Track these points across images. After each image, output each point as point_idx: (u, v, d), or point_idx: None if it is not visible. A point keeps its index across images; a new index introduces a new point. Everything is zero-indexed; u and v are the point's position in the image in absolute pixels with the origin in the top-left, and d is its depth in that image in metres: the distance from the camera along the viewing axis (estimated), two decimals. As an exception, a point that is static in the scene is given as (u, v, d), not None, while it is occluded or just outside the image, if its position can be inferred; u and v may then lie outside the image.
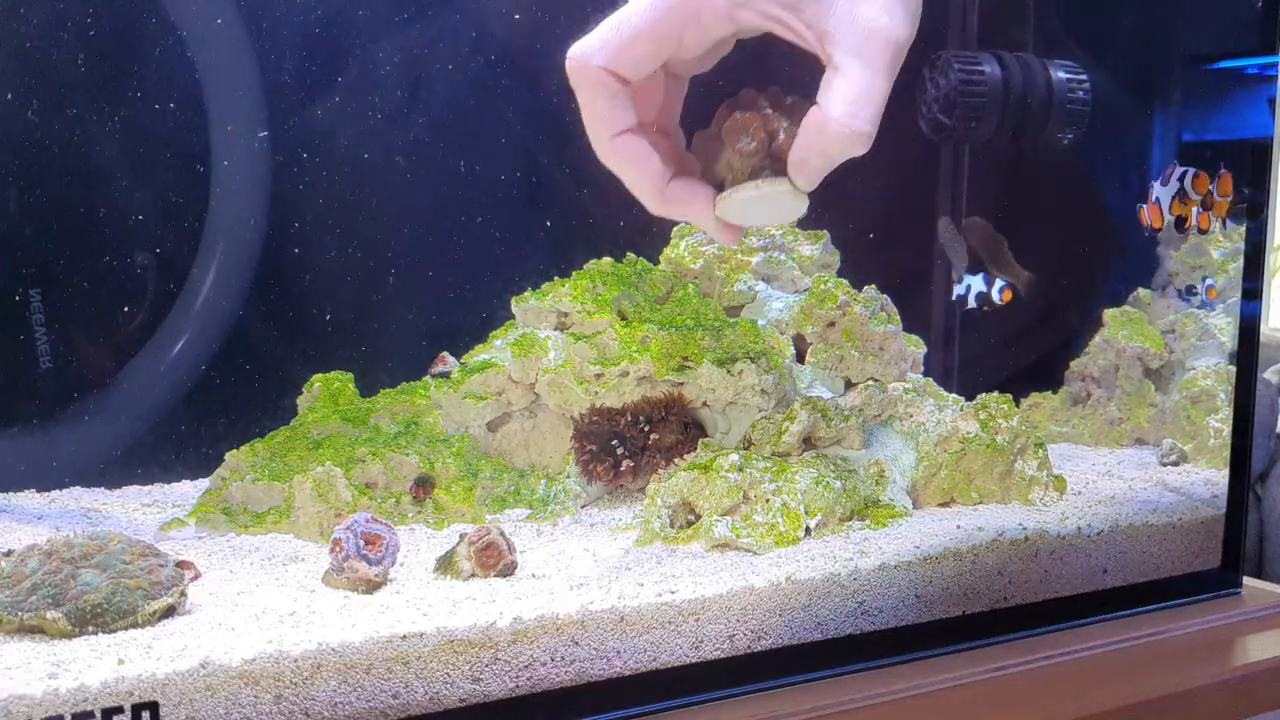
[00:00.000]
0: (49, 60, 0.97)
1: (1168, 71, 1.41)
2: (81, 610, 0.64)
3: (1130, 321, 1.39)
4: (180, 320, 1.06)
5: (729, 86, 0.67)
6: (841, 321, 1.15)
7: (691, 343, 1.06)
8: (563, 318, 1.11)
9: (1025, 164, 1.37)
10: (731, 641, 0.77)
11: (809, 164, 0.61)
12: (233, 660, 0.61)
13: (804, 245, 1.24)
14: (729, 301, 1.20)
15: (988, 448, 1.02)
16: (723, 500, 0.88)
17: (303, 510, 0.91)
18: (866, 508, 0.95)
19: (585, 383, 1.05)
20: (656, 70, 0.62)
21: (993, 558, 0.88)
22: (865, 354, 1.14)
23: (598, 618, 0.72)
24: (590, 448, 1.05)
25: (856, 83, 0.59)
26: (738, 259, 1.21)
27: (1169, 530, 0.98)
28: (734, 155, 0.63)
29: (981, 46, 1.32)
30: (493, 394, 1.07)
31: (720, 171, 0.64)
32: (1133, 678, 0.84)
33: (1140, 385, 1.36)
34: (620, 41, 0.59)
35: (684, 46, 0.61)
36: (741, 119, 0.63)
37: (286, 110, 1.07)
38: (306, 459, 0.96)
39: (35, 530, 0.90)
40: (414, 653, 0.66)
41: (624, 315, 1.11)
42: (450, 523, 0.95)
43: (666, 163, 0.63)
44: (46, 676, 0.58)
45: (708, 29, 0.60)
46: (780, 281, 1.22)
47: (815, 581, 0.80)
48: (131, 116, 1.01)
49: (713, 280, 1.20)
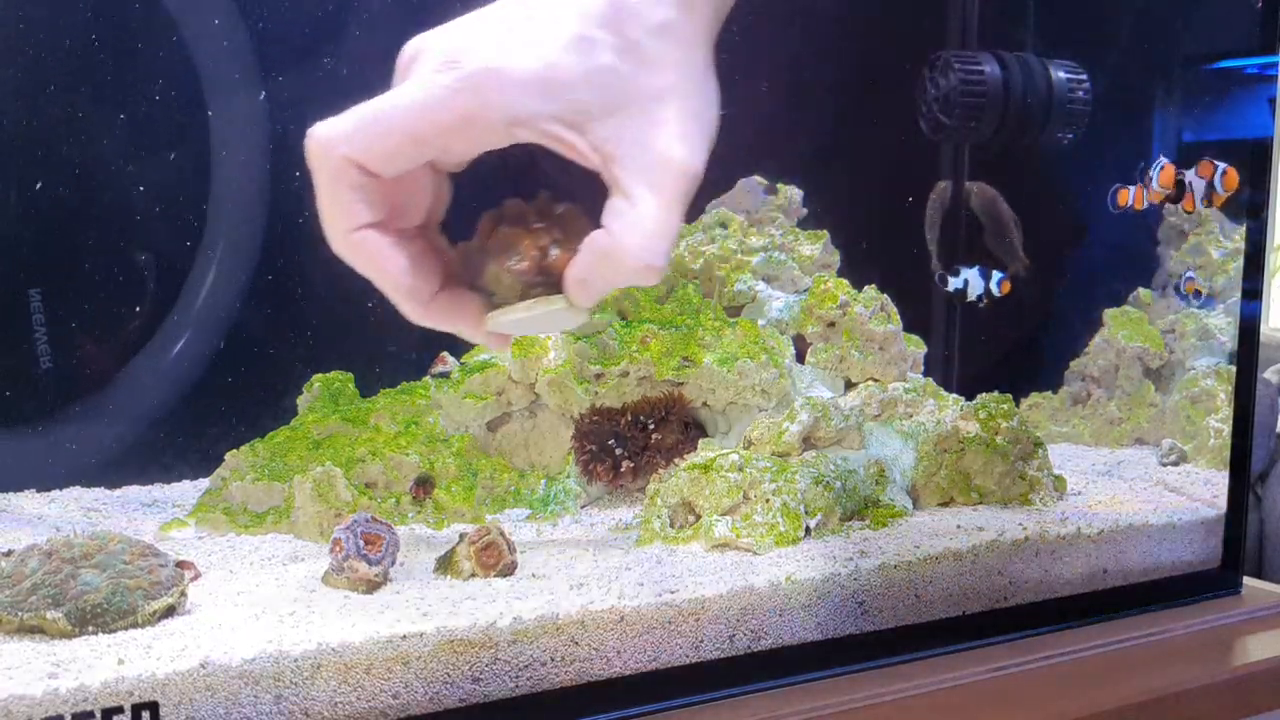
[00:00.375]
0: (49, 58, 0.97)
1: (1168, 71, 1.41)
2: (81, 610, 0.64)
3: (1130, 321, 1.39)
4: (180, 320, 1.06)
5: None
6: (841, 321, 1.15)
7: (691, 343, 1.06)
8: (563, 318, 1.11)
9: (1025, 164, 1.37)
10: (731, 641, 0.77)
11: (591, 286, 0.56)
12: (233, 660, 0.61)
13: (804, 245, 1.24)
14: (729, 301, 1.20)
15: (988, 448, 1.02)
16: (723, 500, 0.88)
17: (303, 510, 0.91)
18: (866, 508, 0.95)
19: (585, 383, 1.05)
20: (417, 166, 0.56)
21: (993, 558, 0.88)
22: (865, 354, 1.14)
23: (598, 618, 0.72)
24: (590, 448, 1.05)
25: (651, 215, 0.55)
26: (738, 259, 1.21)
27: (1169, 530, 0.98)
28: (503, 272, 0.59)
29: (981, 46, 1.32)
30: (493, 394, 1.07)
31: (488, 284, 0.59)
32: (1133, 678, 0.83)
33: (1140, 385, 1.36)
34: (374, 134, 0.53)
35: (449, 152, 0.56)
36: (509, 235, 0.59)
37: (287, 107, 1.07)
38: (306, 459, 0.96)
39: (35, 530, 0.90)
40: (414, 653, 0.66)
41: (624, 315, 1.11)
42: (450, 523, 0.95)
43: (426, 267, 0.58)
44: (46, 676, 0.58)
45: (478, 141, 0.55)
46: (780, 281, 1.22)
47: (815, 581, 0.80)
48: (131, 112, 1.01)
49: (713, 280, 1.20)
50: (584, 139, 0.55)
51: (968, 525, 0.94)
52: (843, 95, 1.34)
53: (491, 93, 0.53)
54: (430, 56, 0.55)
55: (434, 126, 0.54)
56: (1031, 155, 1.33)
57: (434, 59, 0.54)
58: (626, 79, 0.55)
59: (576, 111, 0.55)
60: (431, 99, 0.53)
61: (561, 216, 0.60)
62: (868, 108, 1.35)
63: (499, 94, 0.53)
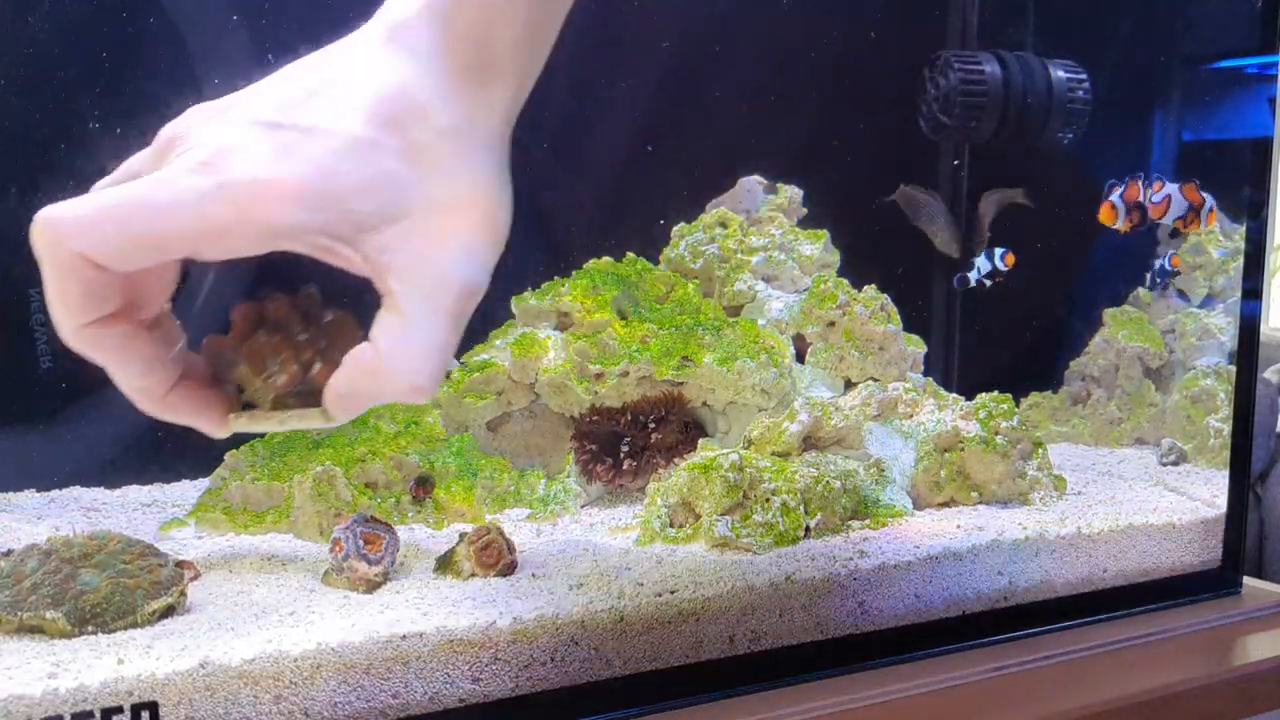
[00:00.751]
0: (48, 56, 0.97)
1: (1168, 71, 1.41)
2: (81, 610, 0.64)
3: (1130, 321, 1.39)
4: (180, 319, 1.06)
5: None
6: (841, 321, 1.15)
7: (691, 342, 1.06)
8: (563, 317, 1.11)
9: (1024, 164, 1.37)
10: (731, 642, 0.77)
11: (352, 402, 0.53)
12: (232, 660, 0.61)
13: (804, 245, 1.24)
14: (729, 301, 1.20)
15: (988, 448, 1.02)
16: (723, 500, 0.88)
17: (302, 510, 0.91)
18: (866, 508, 0.95)
19: (585, 382, 1.05)
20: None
21: (993, 558, 0.88)
22: (865, 354, 1.14)
23: (598, 618, 0.72)
24: (590, 448, 1.05)
25: (423, 336, 0.51)
26: (738, 259, 1.21)
27: (1169, 530, 0.98)
28: (258, 380, 0.55)
29: (981, 46, 1.32)
30: (493, 394, 1.07)
31: (239, 381, 0.56)
32: (1133, 677, 0.83)
33: (1140, 385, 1.37)
34: (113, 231, 0.48)
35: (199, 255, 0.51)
36: (268, 344, 0.55)
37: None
38: (306, 459, 0.96)
39: (35, 530, 0.90)
40: (414, 653, 0.66)
41: (624, 315, 1.11)
42: (450, 523, 0.95)
43: (162, 359, 0.54)
44: (46, 676, 0.58)
45: (232, 250, 0.50)
46: (780, 281, 1.22)
47: (815, 581, 0.80)
48: (130, 108, 1.01)
49: (713, 280, 1.20)
50: (356, 251, 0.51)
51: (968, 525, 0.94)
52: (843, 95, 1.34)
53: (250, 206, 0.48)
54: (190, 149, 0.50)
55: (181, 234, 0.49)
56: (1031, 155, 1.33)
57: (194, 154, 0.49)
58: (408, 187, 0.51)
59: (349, 223, 0.50)
60: (182, 205, 0.48)
61: (329, 326, 0.55)
62: (868, 107, 1.35)
63: (259, 208, 0.48)
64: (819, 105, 1.33)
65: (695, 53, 1.26)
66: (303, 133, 0.50)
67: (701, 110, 1.29)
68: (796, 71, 1.31)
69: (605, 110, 1.23)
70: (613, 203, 1.25)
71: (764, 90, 1.29)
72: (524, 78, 0.57)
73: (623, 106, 1.24)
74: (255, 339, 0.55)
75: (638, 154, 1.24)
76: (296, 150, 0.50)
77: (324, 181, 0.50)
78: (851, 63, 1.33)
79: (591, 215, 1.25)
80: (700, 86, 1.27)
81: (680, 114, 1.27)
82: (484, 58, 0.55)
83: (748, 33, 1.30)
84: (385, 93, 0.52)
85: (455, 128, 0.53)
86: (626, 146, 1.24)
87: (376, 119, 0.51)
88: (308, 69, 0.54)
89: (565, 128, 1.22)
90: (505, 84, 0.55)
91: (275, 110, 0.51)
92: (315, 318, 0.56)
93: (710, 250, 1.20)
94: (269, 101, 0.52)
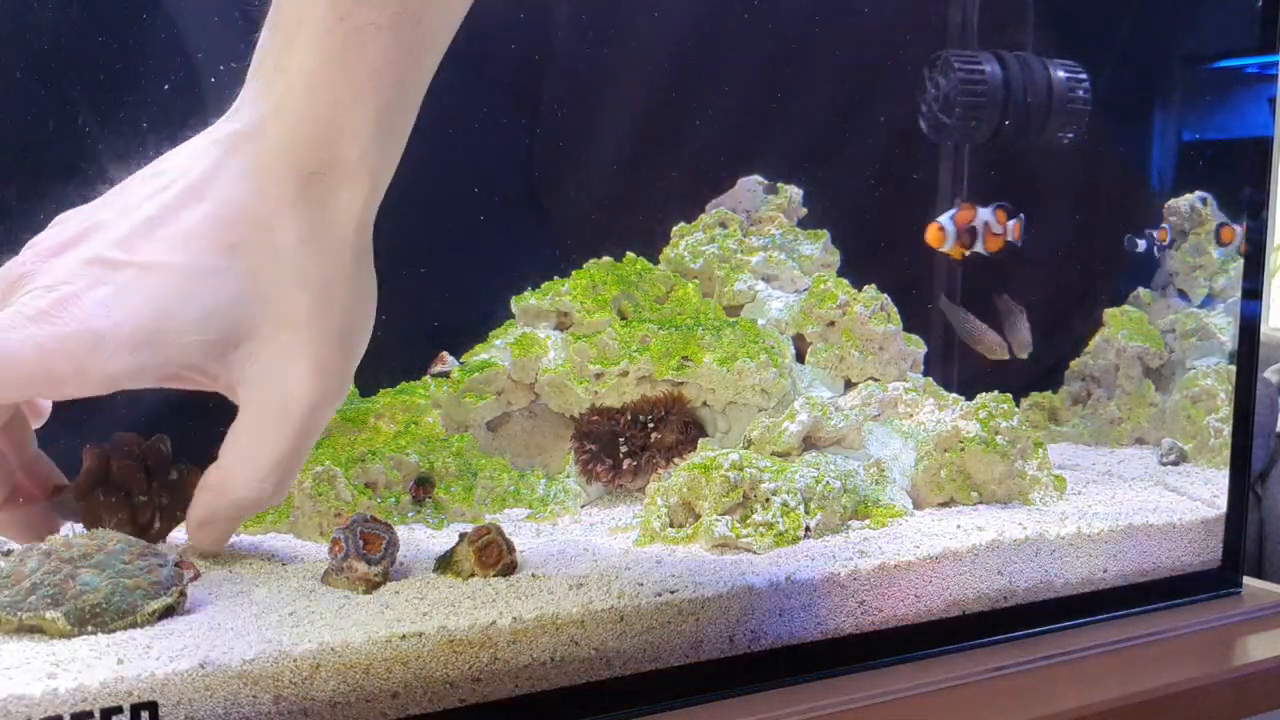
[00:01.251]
0: (47, 55, 0.97)
1: (1168, 71, 1.41)
2: (80, 610, 0.64)
3: (1130, 321, 1.39)
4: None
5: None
6: (841, 321, 1.15)
7: (691, 342, 1.06)
8: (563, 317, 1.11)
9: (1024, 165, 1.37)
10: (731, 641, 0.77)
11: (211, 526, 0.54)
12: (232, 660, 0.61)
13: (804, 245, 1.24)
14: (729, 301, 1.20)
15: (988, 448, 1.02)
16: (723, 500, 0.88)
17: (302, 510, 0.91)
18: (866, 508, 0.95)
19: (585, 382, 1.05)
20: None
21: (993, 558, 0.88)
22: (865, 354, 1.14)
23: (598, 618, 0.72)
24: (590, 447, 1.05)
25: (266, 449, 0.53)
26: (738, 259, 1.21)
27: (1169, 530, 0.98)
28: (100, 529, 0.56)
29: (982, 46, 1.32)
30: (493, 394, 1.07)
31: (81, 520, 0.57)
32: (1133, 677, 0.83)
33: (1140, 385, 1.36)
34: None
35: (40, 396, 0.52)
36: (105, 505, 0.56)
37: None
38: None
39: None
40: (414, 653, 0.66)
41: (624, 315, 1.11)
42: (450, 523, 0.95)
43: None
44: (45, 676, 0.58)
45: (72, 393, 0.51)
46: (780, 281, 1.22)
47: (815, 581, 0.80)
48: (131, 104, 1.00)
49: (713, 280, 1.20)
50: (205, 374, 0.52)
51: (968, 525, 0.94)
52: (843, 93, 1.34)
53: (87, 357, 0.49)
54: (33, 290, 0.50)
55: (16, 386, 0.49)
56: (1032, 155, 1.33)
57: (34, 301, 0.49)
58: (253, 307, 0.51)
59: (194, 352, 0.51)
60: (19, 356, 0.49)
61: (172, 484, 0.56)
62: (869, 106, 1.36)
63: (96, 358, 0.49)
64: (819, 105, 1.33)
65: (695, 52, 1.26)
66: (142, 270, 0.50)
67: (702, 110, 1.29)
68: (797, 71, 1.31)
69: (605, 110, 1.23)
70: (613, 203, 1.25)
71: (764, 90, 1.29)
72: (378, 176, 0.56)
73: (623, 106, 1.24)
74: (93, 498, 0.55)
75: (638, 154, 1.25)
76: (135, 291, 0.49)
77: (162, 322, 0.50)
78: (852, 62, 1.33)
79: (591, 215, 1.25)
80: (700, 86, 1.27)
81: (680, 114, 1.27)
82: (331, 163, 0.53)
83: (748, 32, 1.30)
84: (227, 217, 0.51)
85: (300, 240, 0.53)
86: (626, 146, 1.24)
87: (218, 246, 0.51)
88: (153, 189, 0.53)
89: (565, 127, 1.22)
90: (356, 186, 0.54)
91: (117, 247, 0.51)
92: (161, 473, 0.57)
93: (710, 250, 1.20)
94: (113, 238, 0.51)
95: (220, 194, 0.51)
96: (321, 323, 0.53)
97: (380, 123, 0.53)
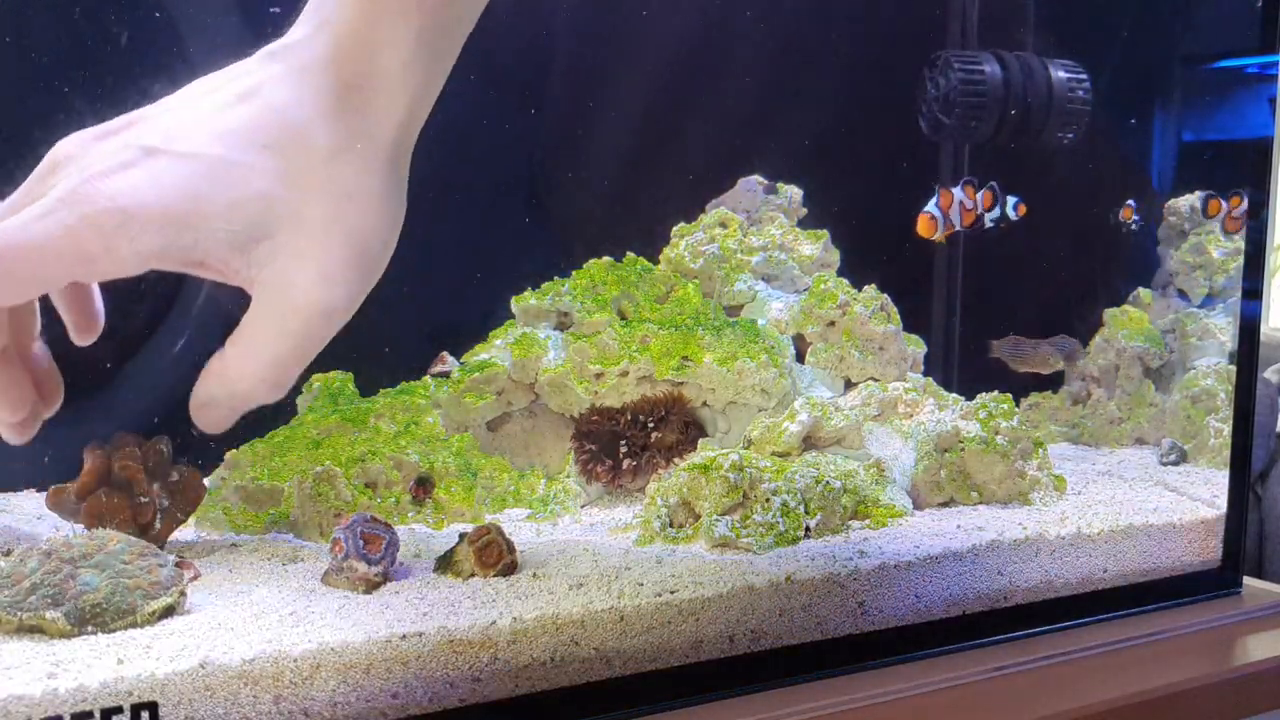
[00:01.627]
0: (49, 53, 0.97)
1: (1168, 71, 1.41)
2: (81, 610, 0.64)
3: (1130, 321, 1.39)
4: (180, 319, 1.06)
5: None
6: (841, 321, 1.15)
7: (691, 342, 1.06)
8: (563, 317, 1.11)
9: (1024, 165, 1.37)
10: (731, 642, 0.77)
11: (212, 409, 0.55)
12: (232, 660, 0.61)
13: (804, 245, 1.24)
14: (729, 301, 1.20)
15: (988, 448, 1.02)
16: (722, 500, 0.88)
17: (302, 510, 0.91)
18: (866, 508, 0.95)
19: (585, 382, 1.05)
20: None
21: (993, 558, 0.88)
22: (865, 354, 1.14)
23: (598, 618, 0.72)
24: (590, 448, 1.05)
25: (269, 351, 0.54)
26: (738, 259, 1.21)
27: (1169, 530, 0.98)
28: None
29: (981, 46, 1.32)
30: (493, 394, 1.07)
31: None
32: (1133, 678, 0.83)
33: (1140, 385, 1.36)
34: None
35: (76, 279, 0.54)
36: (107, 505, 0.57)
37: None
38: (306, 459, 0.96)
39: (35, 530, 0.90)
40: (414, 653, 0.66)
41: (624, 315, 1.11)
42: (450, 523, 0.95)
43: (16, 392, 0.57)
44: (45, 676, 0.58)
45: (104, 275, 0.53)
46: (780, 281, 1.22)
47: (815, 581, 0.80)
48: (129, 103, 1.00)
49: (713, 280, 1.20)
50: (227, 265, 0.53)
51: (968, 525, 0.94)
52: (843, 93, 1.34)
53: (114, 233, 0.50)
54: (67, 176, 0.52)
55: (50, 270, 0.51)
56: (1032, 155, 1.33)
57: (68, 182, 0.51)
58: (279, 207, 0.53)
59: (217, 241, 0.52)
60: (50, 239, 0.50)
61: (173, 485, 0.57)
62: (869, 105, 1.36)
63: (121, 234, 0.50)
64: (820, 104, 1.33)
65: (695, 52, 1.26)
66: (177, 158, 0.52)
67: (702, 110, 1.29)
68: (797, 71, 1.31)
69: (605, 110, 1.23)
70: (613, 202, 1.25)
71: (764, 89, 1.29)
72: (418, 96, 0.57)
73: (623, 106, 1.24)
74: (95, 498, 0.57)
75: (638, 154, 1.25)
76: (166, 175, 0.51)
77: (189, 205, 0.51)
78: (851, 62, 1.33)
79: (591, 215, 1.25)
80: (701, 86, 1.27)
81: (681, 113, 1.27)
82: (370, 74, 0.55)
83: (748, 32, 1.30)
84: (265, 119, 0.53)
85: (335, 148, 0.54)
86: (627, 146, 1.24)
87: (253, 144, 0.53)
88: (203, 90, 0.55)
89: (565, 127, 1.22)
90: (394, 102, 0.56)
91: (158, 136, 0.53)
92: (162, 474, 0.58)
93: (710, 250, 1.20)
94: (155, 127, 0.54)
95: (263, 99, 0.54)
96: (341, 235, 0.54)
97: (422, 39, 0.55)
